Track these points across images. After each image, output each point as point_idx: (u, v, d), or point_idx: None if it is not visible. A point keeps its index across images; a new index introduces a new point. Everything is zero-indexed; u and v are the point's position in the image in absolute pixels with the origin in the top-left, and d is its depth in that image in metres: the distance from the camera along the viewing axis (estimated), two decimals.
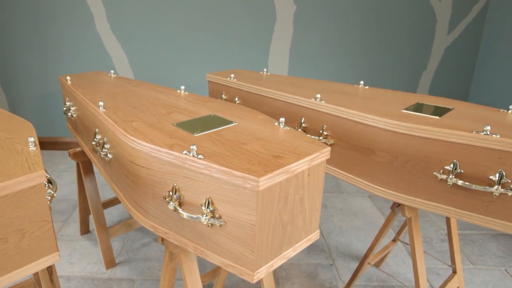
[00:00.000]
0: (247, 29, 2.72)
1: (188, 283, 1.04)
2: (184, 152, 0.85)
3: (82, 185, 1.79)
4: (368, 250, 1.36)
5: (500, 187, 0.97)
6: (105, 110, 1.23)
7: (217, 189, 0.81)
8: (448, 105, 1.28)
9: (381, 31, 2.73)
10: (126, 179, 1.09)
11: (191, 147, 0.84)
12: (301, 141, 0.92)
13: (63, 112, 2.15)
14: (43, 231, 0.86)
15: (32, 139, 0.96)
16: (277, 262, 0.87)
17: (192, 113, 1.18)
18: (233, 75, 1.76)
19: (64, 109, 1.76)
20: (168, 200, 0.91)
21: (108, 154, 1.20)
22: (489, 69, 2.66)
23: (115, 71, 2.85)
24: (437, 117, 1.15)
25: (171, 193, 0.90)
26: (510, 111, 1.21)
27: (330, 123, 1.31)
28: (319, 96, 1.33)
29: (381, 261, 1.71)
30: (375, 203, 2.26)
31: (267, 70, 2.84)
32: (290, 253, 0.90)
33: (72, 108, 1.66)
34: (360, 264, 1.40)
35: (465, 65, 2.82)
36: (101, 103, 1.25)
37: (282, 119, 1.04)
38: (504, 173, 0.97)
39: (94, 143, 1.31)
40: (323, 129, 1.33)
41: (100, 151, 1.24)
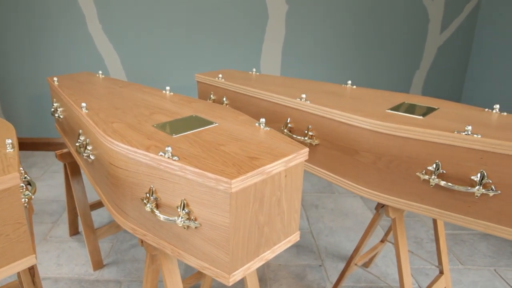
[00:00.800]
0: (240, 29, 2.71)
1: (168, 285, 1.03)
2: (160, 153, 0.85)
3: (70, 186, 1.78)
4: (354, 251, 1.36)
5: (481, 187, 0.96)
6: (87, 111, 1.22)
7: (191, 191, 0.80)
8: (434, 104, 1.28)
9: (374, 31, 2.72)
10: (106, 180, 1.08)
11: (166, 149, 0.83)
12: (279, 142, 0.92)
13: (51, 113, 2.14)
14: (18, 233, 0.85)
15: (10, 140, 0.95)
16: (254, 265, 0.86)
17: (174, 113, 1.17)
18: (221, 75, 1.75)
19: (52, 110, 1.75)
20: (146, 202, 0.90)
21: (91, 156, 1.19)
22: (482, 67, 2.65)
23: (107, 71, 2.84)
24: (421, 117, 1.14)
25: (148, 194, 0.90)
26: (495, 111, 1.20)
27: (315, 123, 1.30)
28: (304, 96, 1.33)
29: (370, 262, 1.70)
30: (366, 204, 2.25)
31: (260, 70, 2.83)
32: (268, 255, 0.89)
33: (59, 109, 1.65)
34: (347, 265, 1.39)
35: (458, 64, 2.81)
36: (83, 104, 1.24)
37: (263, 120, 1.03)
38: (485, 173, 0.96)
39: (78, 144, 1.30)
40: (308, 129, 1.32)
41: (83, 152, 1.23)
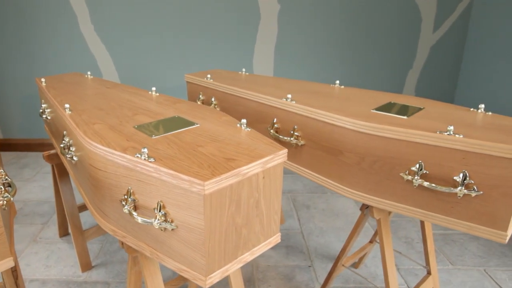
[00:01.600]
0: (232, 29, 2.70)
1: (149, 287, 1.02)
2: (136, 155, 0.84)
3: (58, 187, 1.77)
4: (340, 252, 1.35)
5: (463, 188, 0.96)
6: (70, 113, 1.21)
7: (167, 193, 0.80)
8: (420, 104, 1.27)
9: (366, 30, 2.71)
10: (88, 182, 1.08)
11: (142, 150, 0.83)
12: (259, 143, 0.91)
13: (39, 114, 2.12)
14: None
15: None
16: (232, 267, 0.85)
17: (157, 114, 1.16)
18: (209, 75, 1.74)
19: (40, 111, 1.74)
20: (124, 204, 0.89)
21: (74, 157, 1.18)
22: (475, 66, 2.65)
23: (100, 72, 2.84)
24: (405, 117, 1.13)
25: (126, 196, 0.89)
26: (479, 110, 1.19)
27: (300, 123, 1.29)
28: (289, 96, 1.32)
29: (359, 262, 1.69)
30: (358, 204, 2.24)
31: (253, 70, 2.82)
32: (247, 257, 0.88)
33: (47, 111, 1.65)
34: (334, 266, 1.38)
35: (451, 63, 2.81)
36: (67, 105, 1.23)
37: (244, 121, 1.02)
38: (467, 174, 0.95)
39: (62, 145, 1.30)
40: (294, 129, 1.31)
41: (67, 153, 1.22)
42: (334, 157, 1.20)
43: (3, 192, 0.96)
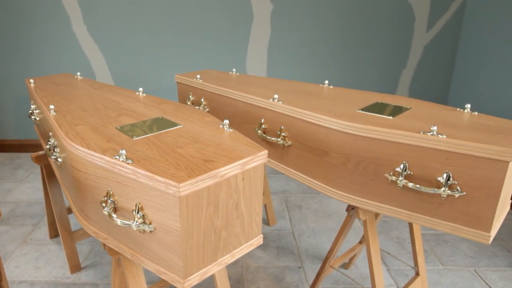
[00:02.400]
0: (225, 29, 2.69)
1: None
2: (115, 156, 0.83)
3: (47, 188, 1.76)
4: (328, 253, 1.34)
5: (447, 188, 0.95)
6: (55, 114, 1.21)
7: (145, 195, 0.79)
8: (408, 104, 1.26)
9: (359, 30, 2.70)
10: (71, 183, 1.07)
11: (120, 152, 0.82)
12: (239, 144, 0.90)
13: (28, 115, 2.11)
14: None
15: None
16: (212, 269, 0.85)
17: (141, 115, 1.15)
18: (199, 75, 1.73)
19: (30, 112, 1.73)
20: (104, 205, 0.89)
21: (59, 158, 1.18)
22: (469, 65, 2.64)
23: (93, 72, 2.83)
24: (391, 117, 1.12)
25: (106, 198, 0.88)
26: (466, 110, 1.19)
27: (287, 124, 1.28)
28: (276, 96, 1.31)
29: (349, 263, 1.69)
30: None
31: (246, 70, 2.81)
32: (228, 259, 0.88)
33: (35, 112, 1.64)
34: (322, 267, 1.38)
35: (445, 62, 2.80)
36: (51, 106, 1.23)
37: (226, 122, 1.02)
38: (451, 175, 0.95)
39: (48, 146, 1.29)
40: (281, 130, 1.31)
41: (52, 155, 1.22)
42: (320, 157, 1.20)
43: None
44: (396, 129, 1.00)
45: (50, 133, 1.29)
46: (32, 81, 1.71)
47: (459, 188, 0.94)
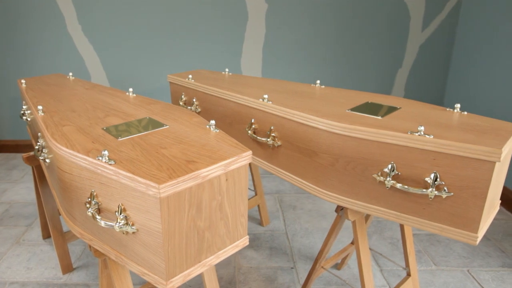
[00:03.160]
0: (220, 29, 2.69)
1: None
2: (98, 157, 0.83)
3: (39, 189, 1.76)
4: (318, 254, 1.34)
5: (434, 189, 0.94)
6: (43, 114, 1.20)
7: (127, 196, 0.78)
8: (398, 104, 1.26)
9: (355, 29, 2.70)
10: (57, 184, 1.07)
11: (103, 153, 0.82)
12: (224, 145, 0.90)
13: (19, 116, 2.07)
14: None
15: None
16: (196, 270, 0.84)
17: (128, 116, 1.15)
18: (191, 75, 1.73)
19: (21, 112, 1.73)
20: (88, 206, 0.88)
21: (47, 159, 1.17)
22: (465, 64, 2.63)
23: (88, 73, 2.82)
24: (379, 117, 1.12)
25: (89, 199, 0.88)
26: (456, 110, 1.18)
27: (277, 124, 1.28)
28: (266, 96, 1.31)
29: (342, 264, 1.68)
30: None
31: (241, 70, 2.81)
32: (212, 260, 0.87)
33: (27, 112, 1.63)
34: (312, 268, 1.37)
35: (440, 61, 2.79)
36: (40, 107, 1.22)
37: (213, 122, 1.01)
38: (438, 175, 0.94)
39: (37, 147, 1.28)
40: (271, 130, 1.30)
41: (40, 155, 1.21)
42: (309, 158, 1.19)
43: None
44: (384, 129, 1.00)
45: (39, 134, 1.28)
46: (23, 81, 1.70)
47: (446, 189, 0.94)
